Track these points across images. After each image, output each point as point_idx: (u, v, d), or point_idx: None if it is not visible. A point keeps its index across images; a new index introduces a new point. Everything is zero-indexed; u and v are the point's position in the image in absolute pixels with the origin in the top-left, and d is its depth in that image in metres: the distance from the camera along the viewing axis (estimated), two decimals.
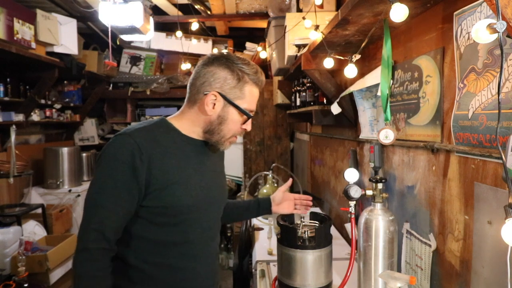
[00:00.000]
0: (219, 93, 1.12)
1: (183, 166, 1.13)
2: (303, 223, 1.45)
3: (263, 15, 4.08)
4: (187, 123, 1.18)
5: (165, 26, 4.70)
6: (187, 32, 4.64)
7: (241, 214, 1.53)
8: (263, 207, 1.52)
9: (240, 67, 1.14)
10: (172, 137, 1.15)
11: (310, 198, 1.53)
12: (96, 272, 1.02)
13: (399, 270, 1.50)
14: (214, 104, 1.13)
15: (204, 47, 4.88)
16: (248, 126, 1.20)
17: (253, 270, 1.95)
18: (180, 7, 4.03)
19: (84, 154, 4.24)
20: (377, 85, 1.64)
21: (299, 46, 2.58)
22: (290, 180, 1.59)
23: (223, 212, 1.34)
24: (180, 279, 1.14)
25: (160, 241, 1.11)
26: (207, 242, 1.21)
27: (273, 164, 3.23)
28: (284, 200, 1.51)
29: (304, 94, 2.80)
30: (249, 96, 1.16)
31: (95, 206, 1.04)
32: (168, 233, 1.12)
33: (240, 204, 1.54)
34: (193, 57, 5.00)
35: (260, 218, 2.44)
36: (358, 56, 1.64)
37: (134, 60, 5.08)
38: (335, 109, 2.05)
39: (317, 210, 2.79)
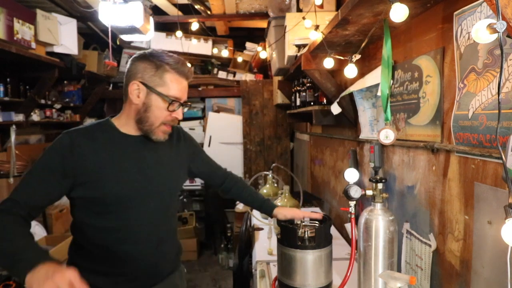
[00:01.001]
0: (141, 82, 1.24)
1: (116, 160, 1.25)
2: (303, 223, 1.46)
3: (263, 15, 4.08)
4: (124, 118, 1.30)
5: (165, 26, 4.70)
6: (187, 32, 4.64)
7: (246, 200, 1.72)
8: (265, 210, 1.66)
9: (159, 58, 1.24)
10: (110, 134, 1.29)
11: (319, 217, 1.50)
12: (10, 220, 1.09)
13: (399, 270, 1.50)
14: (139, 94, 1.24)
15: (204, 47, 4.88)
16: (177, 114, 1.28)
17: (253, 270, 1.95)
18: (180, 7, 4.03)
19: None
20: (377, 85, 1.64)
21: (299, 46, 2.58)
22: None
23: (233, 189, 1.66)
24: (119, 260, 1.28)
25: (98, 226, 1.25)
26: (145, 228, 1.30)
27: (273, 164, 3.22)
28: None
29: (304, 94, 2.80)
30: (171, 84, 1.24)
31: (20, 183, 1.18)
32: (104, 219, 1.25)
33: (252, 192, 1.71)
34: (193, 57, 5.00)
35: (260, 218, 2.44)
36: (358, 56, 1.64)
37: None
38: (335, 109, 2.05)
39: (317, 210, 2.79)
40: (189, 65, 1.35)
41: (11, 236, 1.06)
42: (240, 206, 3.37)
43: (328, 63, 1.90)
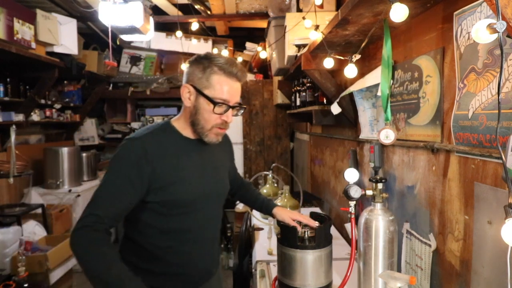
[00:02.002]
0: (191, 85, 1.25)
1: (183, 165, 1.27)
2: (303, 223, 1.45)
3: (263, 15, 4.08)
4: (182, 121, 1.32)
5: (165, 26, 4.70)
6: (187, 32, 4.64)
7: (249, 201, 1.73)
8: (265, 210, 1.65)
9: (208, 60, 1.23)
10: (174, 139, 1.29)
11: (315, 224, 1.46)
12: (93, 242, 1.10)
13: (399, 270, 1.50)
14: (190, 97, 1.26)
15: (204, 47, 4.87)
16: (226, 117, 1.26)
17: (253, 270, 1.95)
18: (180, 7, 4.03)
19: (84, 154, 4.23)
20: (377, 85, 1.64)
21: (299, 46, 2.58)
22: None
23: (239, 191, 1.69)
24: (179, 259, 1.30)
25: (163, 228, 1.26)
26: (204, 230, 1.35)
27: (273, 164, 3.22)
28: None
29: (304, 94, 2.80)
30: (218, 85, 1.22)
31: (98, 196, 1.16)
32: (169, 222, 1.26)
33: (254, 193, 1.73)
34: None
35: (260, 218, 2.44)
36: (358, 56, 1.64)
37: (134, 60, 5.08)
38: (335, 109, 2.05)
39: (317, 210, 2.79)
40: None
41: (108, 264, 1.09)
42: (240, 206, 3.37)
43: (328, 63, 1.90)
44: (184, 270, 1.31)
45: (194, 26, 4.17)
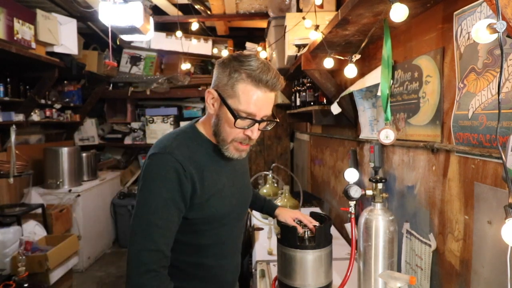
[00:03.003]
0: (216, 90, 1.11)
1: (217, 178, 1.17)
2: (303, 223, 1.45)
3: (263, 15, 4.08)
4: (208, 127, 1.19)
5: (165, 26, 4.70)
6: (187, 32, 4.64)
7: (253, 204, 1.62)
8: (266, 211, 1.61)
9: (237, 64, 1.07)
10: (205, 150, 1.18)
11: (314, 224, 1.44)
12: None
13: (399, 270, 1.50)
14: (214, 103, 1.13)
15: (204, 47, 4.87)
16: (251, 132, 1.11)
17: (253, 270, 1.95)
18: (180, 7, 4.02)
19: (84, 154, 4.23)
20: (377, 85, 1.64)
21: (299, 46, 2.58)
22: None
23: None
24: (212, 274, 1.24)
25: (197, 244, 1.19)
26: (235, 241, 1.31)
27: (273, 164, 3.23)
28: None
29: (304, 94, 2.80)
30: (243, 96, 1.06)
31: (150, 226, 1.04)
32: (204, 237, 1.19)
33: (254, 194, 1.60)
34: (193, 57, 5.00)
35: (260, 218, 2.44)
36: (358, 56, 1.64)
37: (134, 60, 5.08)
38: (335, 109, 2.05)
39: (317, 210, 2.78)
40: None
41: None
42: None
43: (328, 63, 1.90)
44: (215, 284, 1.25)
45: (194, 26, 4.17)
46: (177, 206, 1.07)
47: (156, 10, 4.09)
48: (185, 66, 4.64)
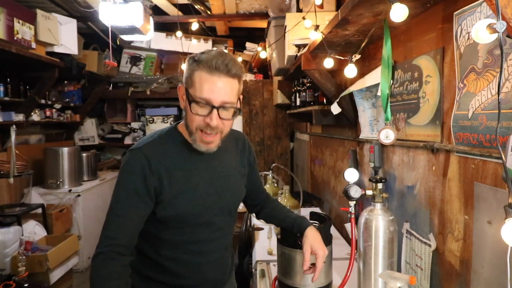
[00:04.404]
0: (182, 84, 1.18)
1: (189, 176, 1.20)
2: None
3: (263, 15, 4.08)
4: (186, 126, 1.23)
5: (165, 26, 4.70)
6: (187, 32, 4.64)
7: (276, 219, 1.48)
8: (297, 229, 1.36)
9: (196, 56, 1.13)
10: (180, 148, 1.22)
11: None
12: (109, 274, 1.07)
13: (399, 270, 1.50)
14: (183, 97, 1.18)
15: (204, 47, 4.88)
16: (210, 119, 1.10)
17: (253, 270, 1.95)
18: (180, 7, 4.03)
19: (84, 154, 4.23)
20: (377, 85, 1.64)
21: (299, 46, 2.58)
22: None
23: (264, 209, 1.50)
24: (190, 271, 1.26)
25: (172, 240, 1.23)
26: (214, 241, 1.29)
27: (273, 164, 3.22)
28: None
29: (304, 94, 2.80)
30: (199, 83, 1.10)
31: (111, 215, 1.13)
32: (179, 234, 1.22)
33: (283, 211, 1.47)
34: None
35: None
36: (358, 56, 1.64)
37: (134, 60, 5.08)
38: (335, 109, 2.05)
39: (317, 210, 2.79)
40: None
41: None
42: (240, 206, 3.37)
43: (328, 63, 1.90)
44: (194, 281, 1.27)
45: (194, 26, 4.17)
46: (141, 197, 1.13)
47: (156, 10, 4.09)
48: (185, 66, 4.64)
